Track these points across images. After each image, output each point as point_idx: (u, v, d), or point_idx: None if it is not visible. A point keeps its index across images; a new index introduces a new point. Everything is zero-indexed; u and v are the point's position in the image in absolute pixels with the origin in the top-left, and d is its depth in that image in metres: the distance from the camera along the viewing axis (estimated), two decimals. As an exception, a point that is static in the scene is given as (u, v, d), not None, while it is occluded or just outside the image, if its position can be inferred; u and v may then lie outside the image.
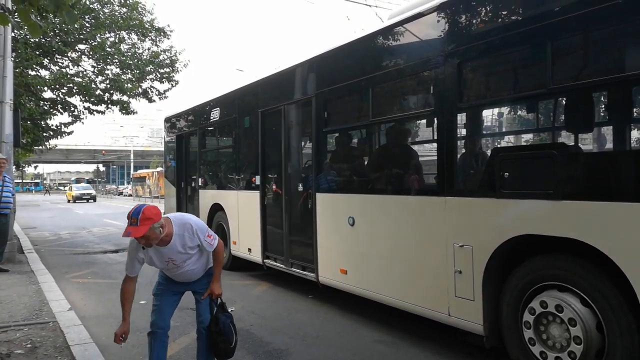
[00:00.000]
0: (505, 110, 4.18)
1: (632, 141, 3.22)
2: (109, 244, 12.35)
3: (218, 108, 8.63)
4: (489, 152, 4.03)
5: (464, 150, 4.07)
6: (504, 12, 3.64)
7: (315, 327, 5.11)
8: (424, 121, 4.75)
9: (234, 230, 7.86)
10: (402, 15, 4.80)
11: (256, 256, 7.16)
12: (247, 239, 7.46)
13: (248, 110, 7.50)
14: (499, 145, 4.44)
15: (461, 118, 3.98)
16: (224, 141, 8.97)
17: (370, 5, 14.07)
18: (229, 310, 3.64)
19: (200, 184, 9.25)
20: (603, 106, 3.64)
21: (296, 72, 6.34)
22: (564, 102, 3.56)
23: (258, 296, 6.55)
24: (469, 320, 3.81)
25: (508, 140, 4.55)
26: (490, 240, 3.63)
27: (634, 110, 3.29)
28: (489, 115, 4.20)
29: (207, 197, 8.89)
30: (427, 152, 4.64)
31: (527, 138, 4.32)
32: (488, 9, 3.80)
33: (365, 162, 5.50)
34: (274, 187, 6.90)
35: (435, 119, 4.19)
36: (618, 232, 2.87)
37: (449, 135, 3.99)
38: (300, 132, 6.45)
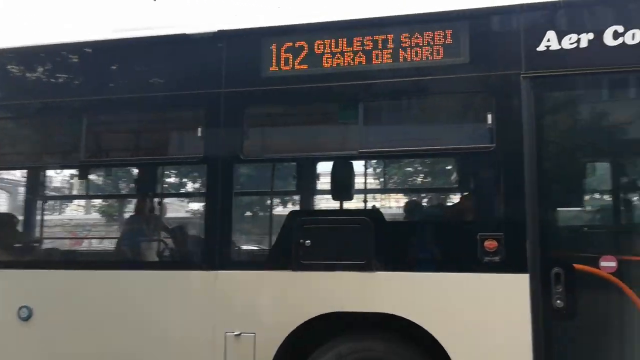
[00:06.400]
0: (304, 167, 3.63)
1: (440, 210, 3.34)
2: None
3: None
4: (285, 214, 3.34)
5: (244, 210, 3.27)
6: None
7: None
8: (186, 170, 3.65)
9: None
10: (140, 31, 3.71)
11: None
12: None
13: None
14: (298, 208, 3.77)
15: (241, 170, 3.22)
16: None
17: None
18: None
19: None
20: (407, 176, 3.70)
21: None
22: (376, 168, 3.39)
23: None
24: None
25: (311, 202, 3.91)
26: (282, 325, 2.95)
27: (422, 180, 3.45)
28: (266, 170, 3.55)
29: None
30: (189, 211, 3.54)
31: (334, 201, 3.81)
32: None
33: (72, 219, 3.75)
34: None
35: (205, 170, 3.21)
36: (429, 302, 2.81)
37: (224, 190, 3.11)
38: None
